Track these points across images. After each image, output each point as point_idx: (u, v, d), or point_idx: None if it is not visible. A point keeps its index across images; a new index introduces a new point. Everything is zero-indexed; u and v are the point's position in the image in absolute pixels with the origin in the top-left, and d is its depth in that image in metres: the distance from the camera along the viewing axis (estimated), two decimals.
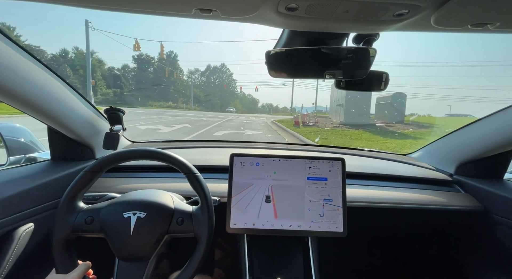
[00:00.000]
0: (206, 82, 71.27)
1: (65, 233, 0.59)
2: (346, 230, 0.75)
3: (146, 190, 0.69)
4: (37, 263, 0.80)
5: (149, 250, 0.60)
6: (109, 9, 0.47)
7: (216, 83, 71.77)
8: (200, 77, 72.63)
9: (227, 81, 74.22)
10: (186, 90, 61.64)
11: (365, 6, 0.43)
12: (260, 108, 78.64)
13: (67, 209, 0.60)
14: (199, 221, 0.63)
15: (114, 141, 0.94)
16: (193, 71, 72.73)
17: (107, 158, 0.63)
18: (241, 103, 72.26)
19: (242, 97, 79.33)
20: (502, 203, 0.87)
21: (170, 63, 60.54)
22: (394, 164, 1.18)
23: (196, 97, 60.26)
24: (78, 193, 0.62)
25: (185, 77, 69.07)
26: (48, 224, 0.78)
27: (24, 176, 0.76)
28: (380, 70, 0.74)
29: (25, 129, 1.18)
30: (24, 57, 0.65)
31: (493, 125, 0.89)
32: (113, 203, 0.63)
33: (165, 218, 0.62)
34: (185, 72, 71.11)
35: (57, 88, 0.77)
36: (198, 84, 69.34)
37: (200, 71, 72.75)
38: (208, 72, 72.17)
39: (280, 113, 49.66)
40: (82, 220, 0.60)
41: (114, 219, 0.60)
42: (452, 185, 1.04)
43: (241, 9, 0.46)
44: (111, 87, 47.01)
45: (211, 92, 68.85)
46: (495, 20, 0.45)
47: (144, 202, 0.62)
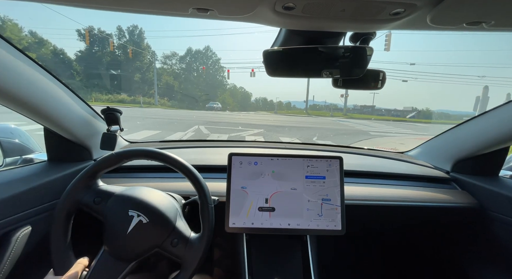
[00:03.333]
0: (187, 70, 52.53)
1: (70, 202, 0.60)
2: (344, 228, 0.76)
3: (159, 192, 0.68)
4: (35, 266, 0.79)
5: (135, 254, 0.59)
6: (105, 8, 0.47)
7: (200, 71, 53.59)
8: (178, 64, 52.59)
9: (214, 69, 54.91)
10: (160, 78, 45.60)
11: (361, 5, 0.44)
12: (253, 103, 64.66)
13: (84, 182, 0.62)
14: (193, 250, 0.61)
15: (111, 142, 0.94)
16: (169, 55, 52.18)
17: (134, 150, 0.64)
18: (231, 97, 56.49)
19: (233, 90, 61.79)
20: (497, 199, 0.88)
21: (134, 42, 42.24)
22: (391, 162, 1.18)
23: (169, 88, 45.41)
24: (99, 172, 0.64)
25: (159, 63, 50.59)
26: (46, 226, 0.78)
27: (21, 178, 0.75)
28: (377, 69, 0.74)
29: (20, 130, 1.16)
30: (19, 57, 0.65)
31: (489, 123, 0.90)
32: (125, 194, 0.63)
33: (163, 233, 0.60)
34: (159, 57, 53.42)
35: (53, 88, 0.76)
36: (177, 73, 51.42)
37: (178, 56, 52.46)
38: (189, 56, 52.67)
39: (290, 111, 37.14)
40: (91, 198, 0.62)
41: (118, 211, 0.60)
42: (449, 182, 1.06)
43: (238, 8, 0.46)
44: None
45: (193, 83, 51.28)
46: (490, 19, 0.46)
47: (151, 207, 0.61)
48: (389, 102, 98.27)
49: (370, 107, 43.12)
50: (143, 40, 44.58)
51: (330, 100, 69.09)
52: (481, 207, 0.93)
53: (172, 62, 52.20)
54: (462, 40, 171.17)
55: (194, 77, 52.59)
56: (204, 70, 51.74)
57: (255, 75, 24.80)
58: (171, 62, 51.93)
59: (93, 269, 0.58)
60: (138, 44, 43.28)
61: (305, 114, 28.07)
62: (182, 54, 53.33)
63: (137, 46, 41.86)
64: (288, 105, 64.37)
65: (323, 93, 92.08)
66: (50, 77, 0.75)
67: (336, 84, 0.76)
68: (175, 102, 40.79)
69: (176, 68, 52.36)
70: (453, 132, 1.08)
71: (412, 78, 41.95)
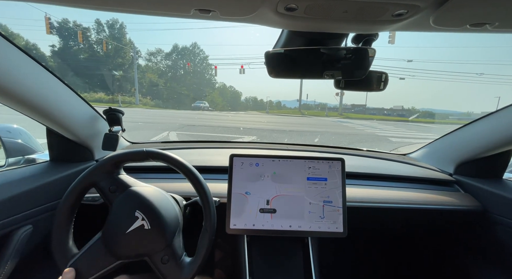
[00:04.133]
0: (173, 67, 48.88)
1: (88, 181, 0.61)
2: (346, 230, 0.75)
3: (169, 200, 0.67)
4: (36, 265, 0.80)
5: (125, 254, 0.59)
6: (107, 9, 0.47)
7: (187, 69, 50.08)
8: (164, 61, 48.77)
9: (201, 67, 51.24)
10: (144, 76, 41.40)
11: (364, 6, 0.43)
12: (243, 102, 61.55)
13: (107, 168, 0.63)
14: (180, 274, 0.59)
15: (113, 142, 0.94)
16: (154, 52, 48.35)
17: (163, 154, 0.65)
18: (221, 96, 53.24)
19: (222, 89, 58.13)
20: (501, 202, 0.87)
21: (114, 37, 38.47)
22: (393, 164, 1.18)
23: (153, 86, 41.51)
24: (124, 162, 0.65)
25: (143, 60, 45.94)
26: (47, 226, 0.78)
27: (23, 178, 0.75)
28: (379, 70, 0.74)
29: (23, 130, 1.17)
30: (22, 57, 0.65)
31: (492, 125, 0.89)
32: (138, 192, 0.63)
33: (158, 246, 0.60)
34: (143, 54, 48.19)
35: (56, 88, 0.77)
36: (163, 71, 47.99)
37: (163, 53, 48.64)
38: (175, 54, 48.88)
39: (282, 111, 35.76)
40: (108, 184, 0.62)
41: (126, 207, 0.61)
42: (452, 185, 1.05)
43: (240, 9, 0.46)
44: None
45: (179, 81, 46.97)
46: (494, 20, 0.45)
47: (157, 215, 0.61)
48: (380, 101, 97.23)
49: (362, 106, 42.99)
50: (124, 35, 40.32)
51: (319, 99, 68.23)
52: (484, 210, 0.92)
53: (157, 59, 48.45)
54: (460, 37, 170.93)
55: (181, 75, 48.89)
56: (189, 67, 47.79)
57: (245, 71, 23.11)
58: (156, 59, 48.30)
59: (83, 252, 0.58)
60: (119, 39, 39.05)
61: (299, 114, 26.30)
62: (168, 51, 49.16)
63: (118, 42, 37.86)
64: (279, 105, 63.36)
65: (312, 93, 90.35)
66: (53, 78, 0.76)
67: (338, 85, 0.76)
68: (159, 102, 38.03)
69: (161, 66, 48.66)
70: (456, 134, 1.07)
71: (410, 75, 41.34)
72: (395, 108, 43.70)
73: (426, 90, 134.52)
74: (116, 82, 35.16)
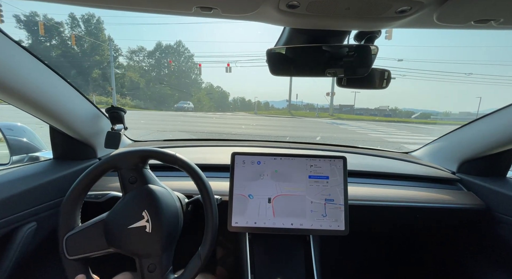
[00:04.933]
0: (156, 66, 46.75)
1: (113, 163, 0.62)
2: (348, 229, 0.75)
3: (178, 210, 0.67)
4: (40, 261, 0.81)
5: (118, 245, 0.59)
6: (109, 7, 0.47)
7: (172, 68, 47.63)
8: (147, 59, 46.33)
9: (186, 66, 49.01)
10: (124, 75, 37.57)
11: (366, 3, 0.43)
12: (231, 103, 60.58)
13: (134, 159, 0.63)
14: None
15: (115, 140, 0.94)
16: (136, 50, 45.37)
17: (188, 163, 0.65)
18: (208, 97, 50.47)
19: (209, 90, 55.92)
20: (505, 201, 0.87)
21: (91, 33, 36.19)
22: (395, 162, 1.17)
23: (134, 85, 37.78)
24: (151, 158, 0.65)
25: (124, 58, 42.91)
26: (51, 223, 0.79)
27: (27, 175, 0.76)
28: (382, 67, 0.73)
29: (27, 128, 1.18)
30: (26, 56, 0.66)
31: (496, 123, 0.88)
32: (154, 191, 0.63)
33: (150, 252, 0.60)
34: (124, 52, 45.35)
35: (59, 87, 0.77)
36: (146, 70, 45.25)
37: (146, 51, 45.99)
38: (159, 52, 46.68)
39: (271, 111, 34.27)
40: (129, 174, 0.63)
41: (137, 203, 0.61)
42: (455, 183, 1.04)
43: (242, 6, 0.46)
44: None
45: (163, 81, 44.50)
46: (499, 16, 0.45)
47: (163, 220, 0.61)
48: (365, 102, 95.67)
49: (349, 106, 43.05)
50: (102, 31, 37.42)
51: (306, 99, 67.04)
52: (487, 209, 0.91)
53: (139, 58, 45.97)
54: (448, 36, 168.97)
55: (165, 74, 46.95)
56: (173, 65, 45.42)
57: (231, 70, 21.99)
58: (138, 57, 45.85)
59: (82, 229, 0.59)
60: (96, 35, 36.38)
61: (288, 114, 24.59)
62: (151, 49, 46.88)
63: (95, 38, 35.32)
64: (267, 105, 62.42)
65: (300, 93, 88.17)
66: (57, 76, 0.76)
67: (340, 83, 0.76)
68: (140, 102, 36.42)
69: (144, 65, 46.25)
70: (459, 132, 1.06)
71: (400, 75, 40.94)
72: (382, 108, 44.08)
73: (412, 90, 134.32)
74: (92, 81, 32.97)
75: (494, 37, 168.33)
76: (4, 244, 0.68)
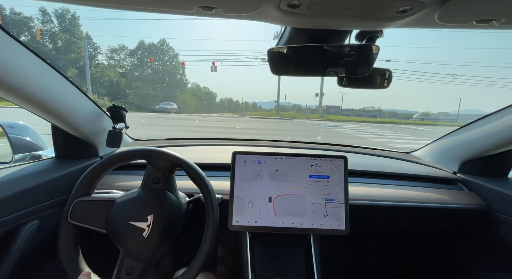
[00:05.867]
0: (139, 66, 43.95)
1: (145, 153, 0.64)
2: (348, 228, 0.75)
3: (179, 220, 0.67)
4: (42, 259, 0.81)
5: (111, 231, 0.61)
6: (111, 7, 0.47)
7: (155, 67, 45.26)
8: (128, 58, 43.21)
9: (171, 66, 46.33)
10: (103, 75, 34.85)
11: (368, 2, 0.43)
12: (218, 104, 58.62)
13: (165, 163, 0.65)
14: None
15: (117, 139, 0.95)
16: (117, 48, 42.20)
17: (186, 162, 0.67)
18: (194, 97, 48.00)
19: (195, 90, 52.79)
20: (506, 201, 0.86)
21: (66, 29, 32.90)
22: (396, 162, 1.17)
23: (114, 85, 35.21)
24: (178, 166, 0.67)
25: (103, 57, 39.83)
26: (53, 221, 0.79)
27: (29, 174, 0.76)
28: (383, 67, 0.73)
29: (29, 127, 1.19)
30: (27, 55, 0.66)
31: (498, 123, 0.88)
32: (170, 202, 0.64)
33: (136, 254, 0.60)
34: (103, 50, 43.02)
35: (61, 86, 0.78)
36: (128, 69, 42.05)
37: (128, 49, 42.97)
38: (141, 51, 44.03)
39: (259, 113, 31.74)
40: (155, 173, 0.65)
41: (149, 204, 0.62)
42: (456, 183, 1.04)
43: (243, 6, 0.46)
44: None
45: (146, 81, 41.63)
46: (500, 16, 0.44)
47: (162, 232, 0.61)
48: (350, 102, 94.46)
49: (336, 107, 43.40)
50: (78, 27, 34.41)
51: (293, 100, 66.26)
52: (488, 209, 0.91)
53: (121, 57, 42.65)
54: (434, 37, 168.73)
55: (148, 74, 44.05)
56: (153, 63, 42.37)
57: (217, 69, 20.42)
58: (119, 56, 42.53)
59: (94, 200, 0.62)
60: (72, 31, 33.33)
61: (277, 116, 23.24)
62: (133, 48, 43.83)
63: (70, 34, 32.47)
64: (255, 106, 61.62)
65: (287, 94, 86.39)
66: (58, 75, 0.77)
67: (341, 83, 0.76)
68: (120, 103, 30.13)
69: (126, 64, 43.12)
70: (460, 132, 1.06)
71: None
72: (367, 109, 44.50)
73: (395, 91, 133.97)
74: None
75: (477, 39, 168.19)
76: (6, 242, 0.68)
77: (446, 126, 19.99)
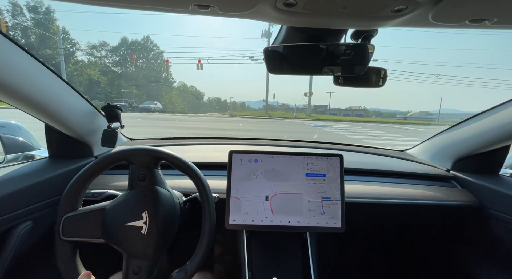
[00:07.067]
0: (122, 64, 41.33)
1: (125, 155, 0.63)
2: (344, 226, 0.76)
3: (177, 215, 0.67)
4: (36, 261, 0.80)
5: (110, 238, 0.60)
6: (106, 4, 0.47)
7: (139, 65, 42.59)
8: (110, 56, 40.74)
9: (156, 64, 44.10)
10: (82, 73, 32.91)
11: (363, 2, 0.43)
12: (206, 103, 58.61)
13: (147, 158, 0.64)
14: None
15: (112, 138, 0.94)
16: (97, 45, 39.68)
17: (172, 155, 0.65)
18: (181, 97, 46.46)
19: (182, 89, 50.91)
20: (497, 197, 0.88)
21: (40, 23, 30.85)
22: (391, 160, 1.18)
23: (93, 84, 33.24)
24: (163, 160, 0.65)
25: (82, 53, 37.54)
26: (47, 222, 0.78)
27: (22, 174, 0.75)
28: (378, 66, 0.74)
29: (21, 126, 1.16)
30: (20, 54, 0.65)
31: (489, 121, 0.90)
32: (160, 195, 0.63)
33: (141, 253, 0.59)
34: (83, 46, 40.29)
35: (54, 85, 0.76)
36: (109, 67, 39.62)
37: (109, 46, 40.54)
38: (124, 48, 41.38)
39: (247, 112, 32.22)
40: (140, 171, 0.63)
41: (140, 201, 0.61)
42: (449, 181, 1.06)
43: (239, 4, 0.46)
44: None
45: (129, 80, 39.56)
46: (492, 16, 0.45)
47: (160, 226, 0.61)
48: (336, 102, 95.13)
49: (324, 106, 44.03)
50: (53, 21, 31.80)
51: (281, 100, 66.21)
52: (480, 205, 0.93)
53: (101, 54, 40.22)
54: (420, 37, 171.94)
55: (132, 72, 41.67)
56: (133, 59, 39.40)
57: (203, 67, 19.49)
58: (99, 53, 40.13)
59: (83, 212, 0.60)
60: (46, 26, 30.96)
61: (266, 115, 22.33)
62: (115, 45, 41.20)
63: (45, 29, 30.07)
64: (243, 106, 61.40)
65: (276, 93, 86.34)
66: (51, 74, 0.75)
67: (337, 81, 0.76)
68: (101, 103, 28.61)
69: (107, 61, 40.58)
70: (453, 130, 1.07)
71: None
72: (354, 108, 45.69)
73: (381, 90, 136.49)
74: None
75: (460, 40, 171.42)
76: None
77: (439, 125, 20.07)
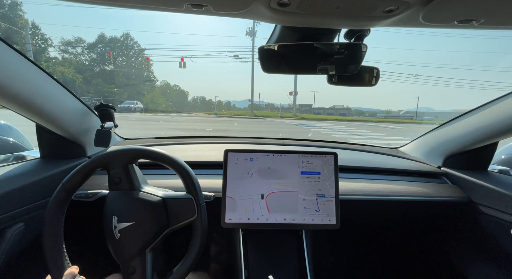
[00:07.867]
0: (100, 61, 38.56)
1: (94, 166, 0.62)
2: (339, 223, 0.77)
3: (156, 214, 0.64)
4: (28, 263, 0.79)
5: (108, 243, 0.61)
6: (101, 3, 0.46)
7: (118, 63, 39.42)
8: (86, 53, 38.05)
9: (137, 62, 41.56)
10: (55, 71, 28.72)
11: (355, 2, 0.44)
12: (190, 103, 57.38)
13: (124, 160, 0.63)
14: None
15: (106, 138, 0.93)
16: (72, 41, 36.86)
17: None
18: (164, 96, 44.59)
19: (165, 88, 48.86)
20: (486, 193, 0.91)
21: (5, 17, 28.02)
22: (384, 158, 1.21)
23: (67, 82, 26.79)
24: (140, 158, 0.65)
25: (55, 49, 34.91)
26: (39, 224, 0.77)
27: (13, 175, 0.74)
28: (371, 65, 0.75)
29: (12, 126, 1.14)
30: (10, 53, 0.63)
31: (478, 119, 0.92)
32: (131, 197, 0.62)
33: (120, 257, 0.60)
34: (56, 42, 36.07)
35: (45, 84, 0.75)
36: (85, 65, 36.93)
37: (85, 43, 37.90)
38: (102, 45, 38.96)
39: (232, 112, 31.43)
40: (116, 174, 0.62)
41: (111, 207, 0.61)
42: (440, 177, 1.08)
43: (233, 4, 0.46)
44: None
45: (107, 78, 36.63)
46: (479, 17, 0.47)
47: (131, 229, 0.59)
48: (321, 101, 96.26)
49: (308, 106, 44.66)
50: (21, 15, 29.21)
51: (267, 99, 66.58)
52: (470, 201, 0.96)
53: (77, 51, 37.38)
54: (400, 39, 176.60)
55: (111, 70, 38.52)
56: (111, 56, 35.35)
57: (186, 65, 18.73)
58: (74, 50, 37.29)
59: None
60: (12, 20, 28.09)
61: (251, 115, 21.58)
62: (92, 41, 38.57)
63: (10, 23, 26.94)
64: (228, 105, 61.15)
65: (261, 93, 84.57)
66: (42, 73, 0.74)
67: (331, 80, 0.77)
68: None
69: (84, 59, 37.80)
70: (444, 128, 1.10)
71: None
72: (337, 107, 46.95)
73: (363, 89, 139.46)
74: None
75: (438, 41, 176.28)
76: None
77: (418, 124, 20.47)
